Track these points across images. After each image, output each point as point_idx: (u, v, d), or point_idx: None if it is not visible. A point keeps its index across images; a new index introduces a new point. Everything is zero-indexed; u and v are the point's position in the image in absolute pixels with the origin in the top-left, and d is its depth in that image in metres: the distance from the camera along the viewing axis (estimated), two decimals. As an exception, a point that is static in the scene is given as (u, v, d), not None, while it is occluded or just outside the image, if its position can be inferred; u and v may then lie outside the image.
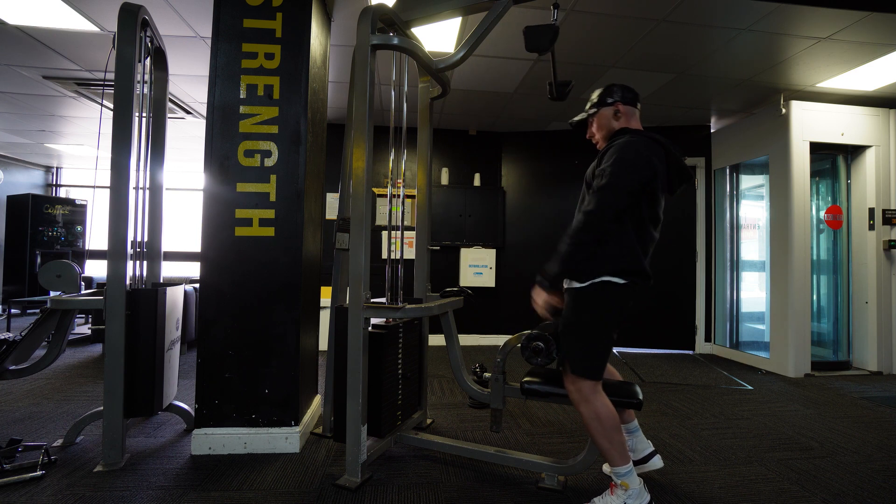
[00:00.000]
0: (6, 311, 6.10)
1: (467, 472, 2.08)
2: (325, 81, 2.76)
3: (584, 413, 1.71)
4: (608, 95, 1.87)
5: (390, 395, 2.17)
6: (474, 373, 2.57)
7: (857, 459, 2.29)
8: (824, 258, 4.46)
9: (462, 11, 2.18)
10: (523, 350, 1.89)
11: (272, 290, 2.28)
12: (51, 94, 4.43)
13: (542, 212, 5.27)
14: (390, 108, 3.00)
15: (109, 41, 3.20)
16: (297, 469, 2.08)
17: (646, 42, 3.22)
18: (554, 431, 2.61)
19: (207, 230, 2.27)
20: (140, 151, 2.31)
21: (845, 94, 4.06)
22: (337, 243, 2.38)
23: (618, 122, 1.85)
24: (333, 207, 4.73)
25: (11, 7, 2.89)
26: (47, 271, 2.29)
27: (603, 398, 1.71)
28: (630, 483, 1.67)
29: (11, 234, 6.66)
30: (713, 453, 2.33)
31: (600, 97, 1.89)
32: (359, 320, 1.94)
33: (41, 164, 7.82)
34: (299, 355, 2.30)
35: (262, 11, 2.29)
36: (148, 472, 2.02)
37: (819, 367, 4.10)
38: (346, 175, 2.45)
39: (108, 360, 2.05)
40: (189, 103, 4.65)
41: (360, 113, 1.98)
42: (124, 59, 2.08)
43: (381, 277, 2.29)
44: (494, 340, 5.23)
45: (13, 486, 1.86)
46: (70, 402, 2.91)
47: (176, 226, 7.34)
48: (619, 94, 1.86)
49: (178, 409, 2.53)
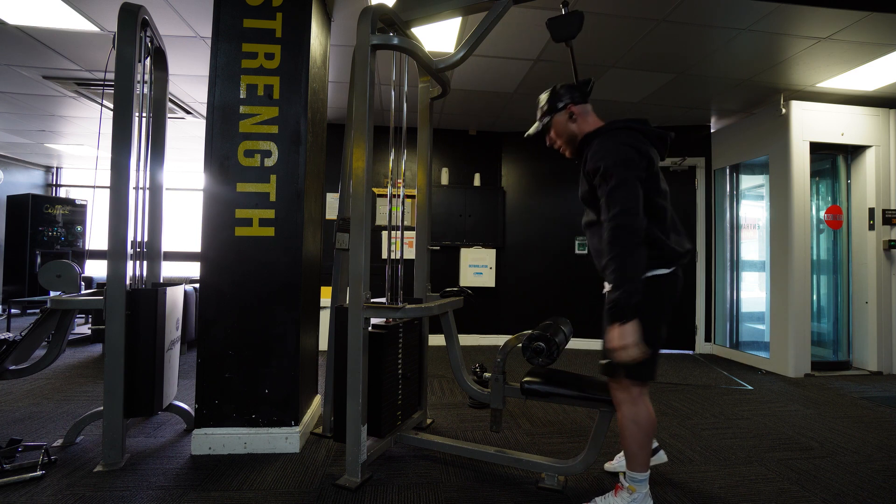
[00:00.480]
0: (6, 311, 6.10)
1: (467, 472, 2.08)
2: (325, 81, 2.76)
3: (626, 414, 1.67)
4: (557, 100, 1.80)
5: (390, 395, 2.17)
6: (474, 373, 2.57)
7: (857, 459, 2.29)
8: (824, 258, 4.46)
9: (462, 11, 2.18)
10: (524, 350, 1.89)
11: (272, 290, 2.28)
12: (51, 94, 4.43)
13: (542, 212, 5.27)
14: (390, 108, 3.00)
15: (109, 41, 3.19)
16: (297, 469, 2.08)
17: (646, 42, 3.22)
18: (554, 431, 2.61)
19: (207, 230, 2.27)
20: (140, 151, 2.31)
21: (845, 94, 4.07)
22: (337, 243, 2.38)
23: (575, 125, 1.79)
24: (333, 207, 4.73)
25: (11, 7, 2.89)
26: (47, 271, 2.29)
27: (647, 403, 1.69)
28: (638, 489, 1.67)
29: (11, 234, 6.66)
30: (713, 453, 2.33)
31: (549, 104, 1.82)
32: (359, 320, 1.94)
33: (41, 164, 7.82)
34: (299, 355, 2.30)
35: (262, 11, 2.29)
36: (148, 472, 2.02)
37: (819, 367, 4.10)
38: (346, 175, 2.45)
39: (108, 360, 2.05)
40: (189, 103, 4.65)
41: (360, 113, 1.98)
42: (124, 59, 2.08)
43: (381, 277, 2.29)
44: (494, 340, 5.23)
45: (13, 486, 1.86)
46: (70, 402, 2.91)
47: (176, 226, 7.34)
48: (569, 96, 1.79)
49: (178, 409, 2.53)
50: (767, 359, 4.25)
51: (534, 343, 1.88)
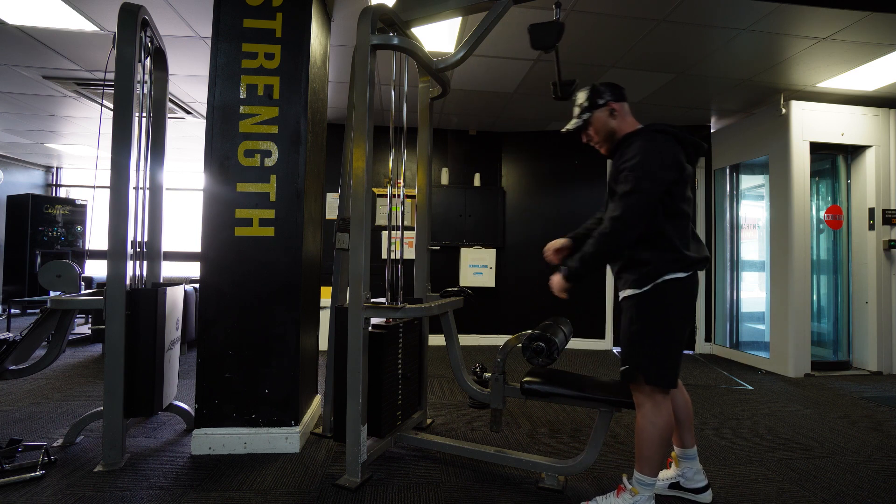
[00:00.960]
0: (6, 311, 6.10)
1: (467, 472, 2.08)
2: (325, 81, 2.75)
3: (645, 415, 1.66)
4: (598, 97, 1.81)
5: (390, 395, 2.17)
6: (474, 373, 2.57)
7: (857, 459, 2.29)
8: (824, 258, 4.46)
9: (462, 11, 2.18)
10: (524, 350, 1.89)
11: (272, 290, 2.28)
12: (51, 94, 4.43)
13: (542, 212, 5.27)
14: (390, 108, 3.00)
15: (109, 41, 3.19)
16: (297, 469, 2.08)
17: (646, 42, 3.22)
18: (554, 431, 2.61)
19: (207, 230, 2.27)
20: (140, 151, 2.31)
21: (845, 94, 4.06)
22: (337, 243, 2.38)
23: (615, 121, 1.81)
24: (333, 207, 4.73)
25: (11, 7, 2.89)
26: (47, 271, 2.29)
27: (669, 408, 1.68)
28: (642, 492, 1.66)
29: (11, 234, 6.66)
30: (713, 453, 2.33)
31: (590, 100, 1.82)
32: (359, 320, 1.94)
33: (41, 164, 7.82)
34: (299, 355, 2.30)
35: (262, 11, 2.29)
36: (148, 472, 2.02)
37: (819, 367, 4.10)
38: (346, 175, 2.45)
39: (108, 360, 2.05)
40: (189, 103, 4.65)
41: (360, 113, 1.98)
42: (124, 59, 2.08)
43: (381, 277, 2.29)
44: (494, 340, 5.23)
45: (13, 486, 1.86)
46: (70, 402, 2.91)
47: (176, 226, 7.34)
48: (610, 93, 1.81)
49: (178, 409, 2.53)
50: (767, 359, 4.25)
51: (534, 343, 1.88)
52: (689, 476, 1.86)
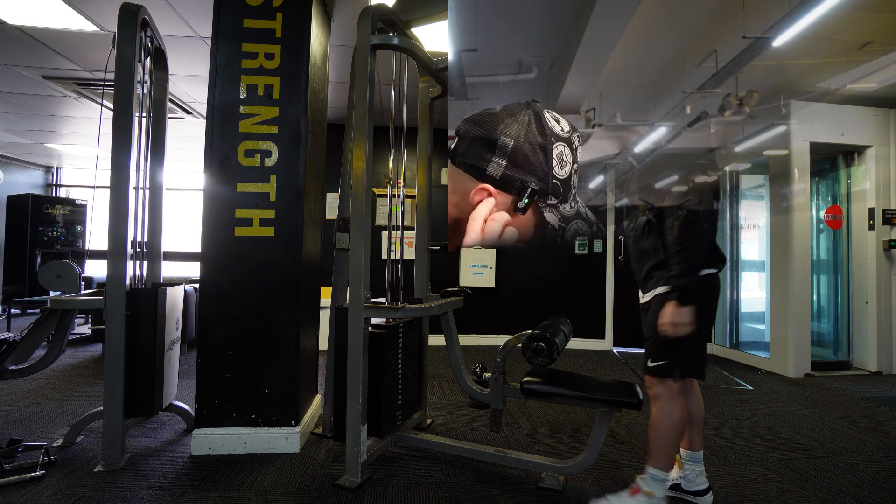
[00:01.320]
0: (6, 311, 6.10)
1: (467, 472, 2.08)
2: (325, 81, 2.75)
3: (662, 408, 1.70)
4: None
5: (390, 395, 2.17)
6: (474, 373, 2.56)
7: (857, 459, 2.29)
8: (824, 258, 4.46)
9: (462, 11, 2.18)
10: (524, 350, 1.89)
11: (272, 290, 2.28)
12: (51, 94, 4.43)
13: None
14: (390, 108, 3.00)
15: (109, 41, 3.19)
16: (297, 469, 2.08)
17: (646, 42, 3.22)
18: (554, 431, 2.61)
19: (207, 230, 2.27)
20: (140, 151, 2.31)
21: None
22: (337, 243, 2.38)
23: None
24: (333, 207, 4.73)
25: (11, 7, 2.89)
26: (47, 271, 2.29)
27: (685, 401, 1.73)
28: (657, 493, 1.67)
29: (11, 234, 6.66)
30: (713, 453, 2.33)
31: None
32: (359, 320, 1.94)
33: (41, 164, 7.82)
34: (299, 355, 2.30)
35: (262, 11, 2.29)
36: (148, 472, 2.02)
37: (819, 367, 4.10)
38: (346, 175, 2.45)
39: (108, 360, 2.05)
40: (189, 103, 4.65)
41: (360, 113, 1.98)
42: (124, 59, 2.08)
43: (381, 277, 2.29)
44: (494, 340, 5.23)
45: (13, 486, 1.86)
46: (70, 402, 2.91)
47: (176, 226, 7.34)
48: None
49: (178, 409, 2.53)
50: (767, 359, 4.25)
51: (534, 343, 1.89)
52: (691, 479, 1.86)
